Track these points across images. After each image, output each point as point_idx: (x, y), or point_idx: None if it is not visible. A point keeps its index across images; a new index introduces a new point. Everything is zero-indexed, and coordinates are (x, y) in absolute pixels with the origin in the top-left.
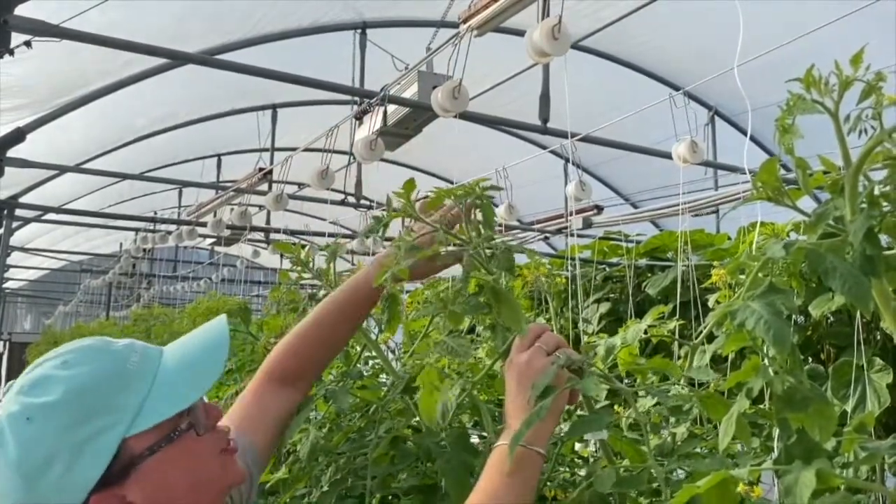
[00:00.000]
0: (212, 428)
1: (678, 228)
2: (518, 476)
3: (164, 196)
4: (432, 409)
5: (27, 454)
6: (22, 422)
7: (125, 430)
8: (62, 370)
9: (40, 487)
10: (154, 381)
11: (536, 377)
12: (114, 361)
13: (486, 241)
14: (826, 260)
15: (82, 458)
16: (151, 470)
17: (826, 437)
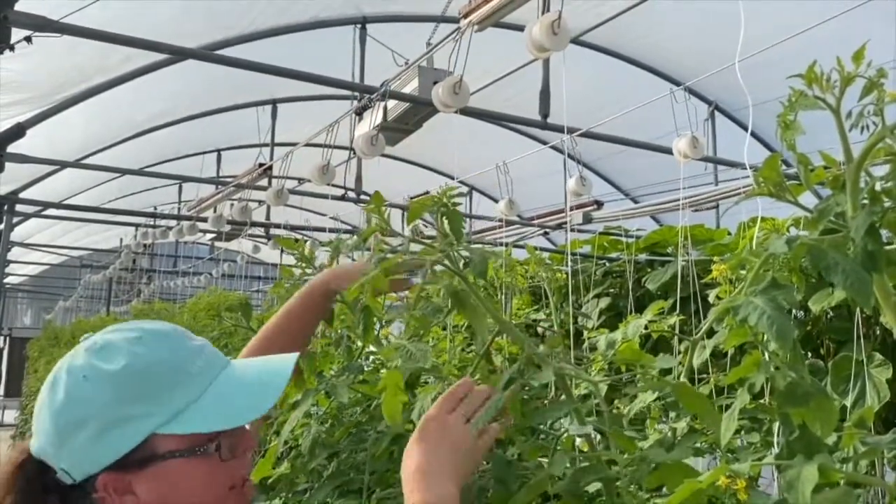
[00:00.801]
0: (236, 453)
1: (678, 224)
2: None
3: (164, 191)
4: (396, 410)
5: (68, 408)
6: (79, 377)
7: (158, 425)
8: (133, 345)
9: (66, 442)
10: (206, 391)
11: (454, 449)
12: (180, 358)
13: (458, 246)
14: (828, 256)
15: (110, 434)
16: (165, 473)
17: (827, 432)
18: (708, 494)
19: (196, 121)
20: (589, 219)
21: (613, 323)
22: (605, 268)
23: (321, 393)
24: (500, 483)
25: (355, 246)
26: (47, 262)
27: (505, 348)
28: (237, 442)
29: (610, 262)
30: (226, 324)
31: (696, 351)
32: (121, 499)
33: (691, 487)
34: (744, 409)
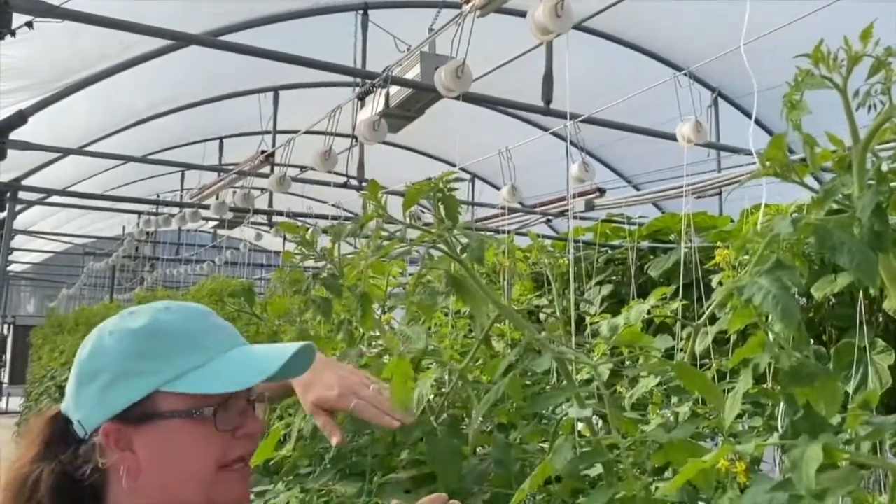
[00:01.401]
0: (236, 432)
1: (680, 211)
2: None
3: (166, 179)
4: (406, 398)
5: (88, 360)
6: (105, 333)
7: (161, 383)
8: (159, 312)
9: (80, 392)
10: (213, 360)
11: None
12: (197, 328)
13: (457, 230)
14: (834, 235)
15: (117, 386)
16: (162, 430)
17: (832, 412)
18: (712, 478)
19: (198, 108)
20: (591, 206)
21: (616, 310)
22: (607, 255)
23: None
24: (500, 465)
25: (353, 232)
26: (50, 249)
27: (507, 334)
28: (241, 421)
29: (612, 249)
30: (229, 309)
31: (698, 337)
32: (121, 453)
33: (695, 467)
34: (746, 393)
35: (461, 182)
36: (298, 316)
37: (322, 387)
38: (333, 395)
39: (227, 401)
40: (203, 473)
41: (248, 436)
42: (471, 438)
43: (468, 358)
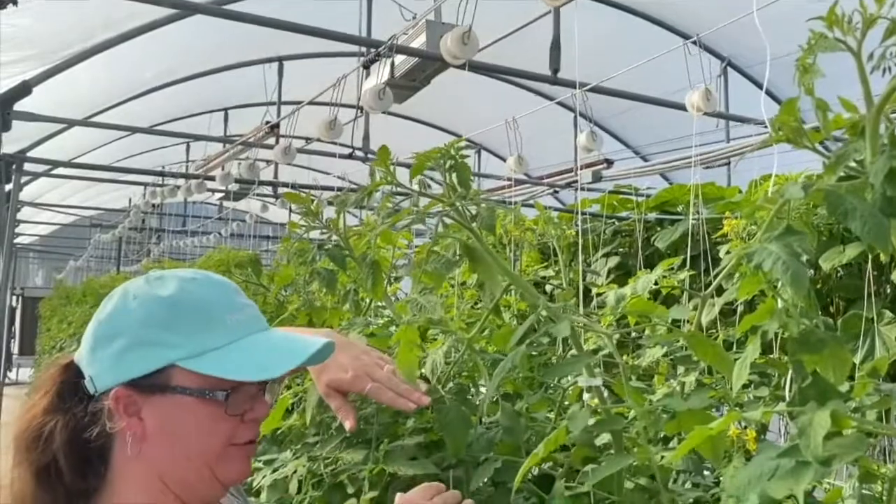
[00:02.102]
0: (245, 417)
1: (689, 182)
2: None
3: (171, 151)
4: (412, 365)
5: (109, 320)
6: (129, 296)
7: (178, 358)
8: (186, 282)
9: (97, 350)
10: (234, 343)
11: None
12: (222, 306)
13: (469, 199)
14: (846, 200)
15: (134, 352)
16: (172, 405)
17: (840, 379)
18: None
19: (203, 79)
20: (599, 177)
21: (622, 282)
22: (614, 227)
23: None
24: (509, 433)
25: (360, 200)
26: (57, 222)
27: (514, 305)
28: (250, 406)
29: (619, 221)
30: (236, 279)
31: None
32: (128, 419)
33: (701, 434)
34: (753, 363)
35: (468, 151)
36: (304, 286)
37: (336, 369)
38: (347, 378)
39: (240, 386)
40: (208, 452)
41: (255, 420)
42: (482, 408)
43: (478, 327)
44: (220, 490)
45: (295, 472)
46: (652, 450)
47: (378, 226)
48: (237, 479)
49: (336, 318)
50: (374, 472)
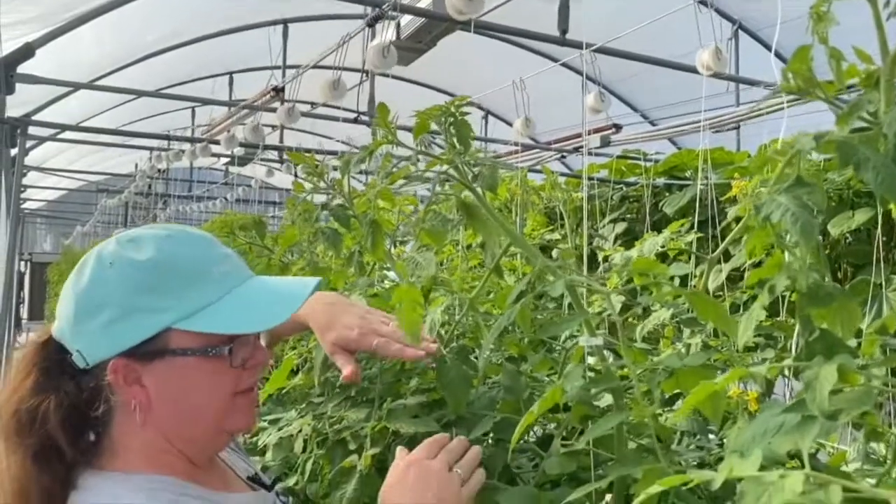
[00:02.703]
0: (247, 364)
1: (697, 147)
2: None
3: (176, 116)
4: (415, 324)
5: (90, 292)
6: (105, 264)
7: (174, 320)
8: (162, 241)
9: (83, 324)
10: (226, 296)
11: (439, 498)
12: (205, 259)
13: (468, 158)
14: (859, 151)
15: (126, 322)
16: (174, 369)
17: (849, 334)
18: (722, 407)
19: (207, 42)
20: (607, 142)
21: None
22: (621, 192)
23: None
24: (510, 392)
25: (363, 159)
26: (64, 186)
27: (519, 269)
28: (250, 353)
29: (627, 186)
30: (240, 241)
31: (712, 272)
32: (129, 388)
33: (706, 390)
34: (759, 325)
35: (474, 113)
36: (308, 247)
37: (342, 327)
38: (354, 336)
39: (240, 336)
40: (217, 405)
41: (256, 366)
42: (481, 364)
43: (479, 287)
44: (227, 440)
45: (300, 432)
46: (651, 408)
47: (378, 183)
48: (244, 428)
49: (341, 279)
50: (376, 430)
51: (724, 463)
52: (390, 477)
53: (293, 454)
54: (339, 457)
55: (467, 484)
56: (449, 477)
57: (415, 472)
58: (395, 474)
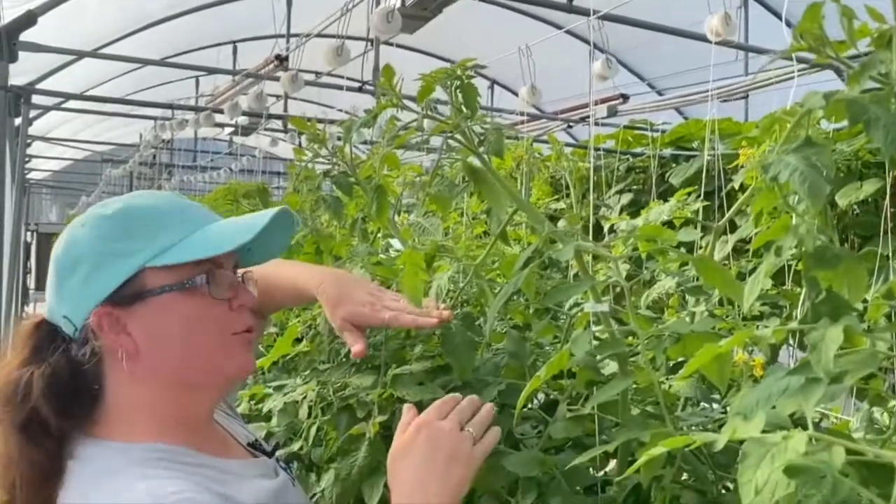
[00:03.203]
0: (231, 304)
1: (705, 117)
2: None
3: (180, 86)
4: (417, 289)
5: (64, 254)
6: (77, 226)
7: (147, 260)
8: (129, 198)
9: (62, 287)
10: (193, 233)
11: (450, 459)
12: (172, 207)
13: (473, 121)
14: (869, 110)
15: (101, 270)
16: (156, 308)
17: (856, 297)
18: (726, 373)
19: (211, 11)
20: (614, 112)
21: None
22: (628, 163)
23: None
24: (515, 357)
25: (367, 123)
26: (70, 157)
27: (524, 238)
28: (234, 292)
29: (634, 157)
30: (244, 208)
31: (718, 242)
32: (116, 338)
33: (710, 352)
34: (765, 293)
35: (480, 82)
36: (311, 214)
37: (353, 302)
38: (366, 311)
39: (215, 270)
40: (206, 344)
41: (243, 307)
42: (487, 330)
43: (484, 253)
44: (223, 385)
45: (305, 398)
46: (656, 374)
47: (383, 147)
48: (241, 370)
49: (344, 248)
50: (382, 397)
51: (728, 425)
52: (398, 441)
53: (298, 420)
54: (344, 423)
55: (480, 442)
56: (460, 437)
57: (425, 434)
58: (403, 437)
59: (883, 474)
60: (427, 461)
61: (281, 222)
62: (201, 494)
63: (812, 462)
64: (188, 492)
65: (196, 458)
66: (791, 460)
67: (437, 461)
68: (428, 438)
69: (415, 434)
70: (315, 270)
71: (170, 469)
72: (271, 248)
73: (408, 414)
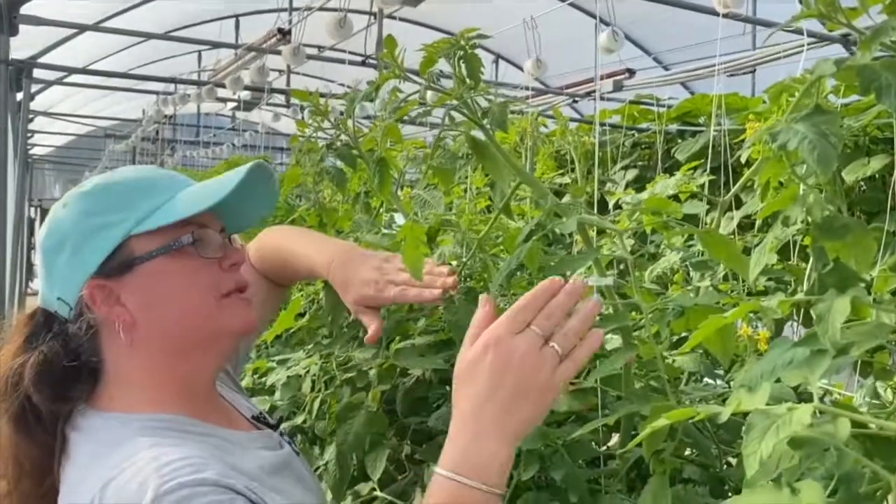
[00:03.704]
0: (221, 264)
1: (711, 92)
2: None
3: (182, 60)
4: (419, 262)
5: (48, 236)
6: (59, 207)
7: (131, 227)
8: (107, 174)
9: (52, 269)
10: (173, 197)
11: (519, 391)
12: (149, 176)
13: (477, 93)
14: (881, 76)
15: (87, 244)
16: (147, 275)
17: (863, 268)
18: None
19: None
20: (619, 86)
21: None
22: (633, 139)
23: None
24: None
25: (369, 94)
26: (72, 132)
27: (528, 214)
28: (222, 252)
29: (639, 132)
30: None
31: (724, 218)
32: (111, 310)
33: (715, 324)
34: (770, 268)
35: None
36: (313, 187)
37: (359, 285)
38: (372, 293)
39: (201, 230)
40: (201, 305)
41: (234, 266)
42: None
43: (487, 227)
44: (226, 343)
45: (308, 371)
46: (658, 347)
47: (385, 119)
48: (243, 326)
49: (347, 221)
50: (384, 367)
51: (732, 397)
52: (462, 357)
53: (301, 393)
54: (346, 396)
55: (569, 359)
56: (538, 361)
57: (492, 356)
58: (468, 355)
59: (887, 447)
60: (488, 392)
61: (260, 179)
62: (208, 461)
63: (817, 434)
64: (196, 458)
65: (201, 428)
66: (796, 432)
67: (502, 394)
68: (493, 363)
69: (481, 353)
70: (325, 246)
71: (175, 437)
72: (256, 207)
73: (480, 313)
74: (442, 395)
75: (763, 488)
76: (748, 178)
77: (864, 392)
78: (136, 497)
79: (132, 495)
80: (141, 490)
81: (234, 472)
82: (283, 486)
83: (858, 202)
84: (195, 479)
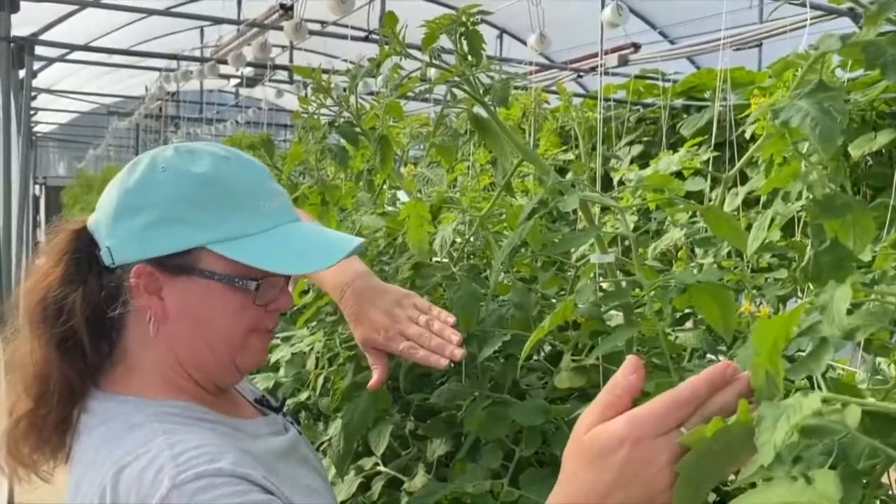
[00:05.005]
0: (269, 306)
1: (717, 66)
2: None
3: (185, 37)
4: (422, 240)
5: (135, 191)
6: (157, 167)
7: (209, 240)
8: (220, 162)
9: (120, 221)
10: (265, 232)
11: (654, 500)
12: (257, 190)
13: (479, 69)
14: (886, 52)
15: (163, 228)
16: (198, 288)
17: (862, 247)
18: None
19: None
20: (625, 61)
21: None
22: (638, 114)
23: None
24: (520, 309)
25: (371, 70)
26: (75, 109)
27: (531, 192)
28: (276, 296)
29: (644, 107)
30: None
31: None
32: (148, 297)
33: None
34: (772, 245)
35: (488, 32)
36: (316, 164)
37: (369, 325)
38: (380, 340)
39: (270, 276)
40: (230, 339)
41: (277, 310)
42: (492, 282)
43: (490, 205)
44: (236, 377)
45: (312, 349)
46: (661, 324)
47: (386, 96)
48: (254, 366)
49: (350, 199)
50: None
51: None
52: (595, 435)
53: (305, 370)
54: (350, 373)
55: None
56: (672, 476)
57: (625, 455)
58: (602, 438)
59: (886, 423)
60: (606, 491)
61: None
62: (223, 450)
63: (827, 421)
64: (212, 446)
65: (211, 416)
66: (806, 419)
67: (621, 499)
68: (625, 468)
69: (615, 447)
70: (343, 272)
71: (188, 424)
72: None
73: (623, 382)
74: (443, 371)
75: (778, 481)
76: (751, 154)
77: (865, 366)
78: (153, 487)
79: (148, 484)
80: (157, 480)
81: (249, 459)
82: (289, 471)
83: (865, 177)
84: (211, 468)
